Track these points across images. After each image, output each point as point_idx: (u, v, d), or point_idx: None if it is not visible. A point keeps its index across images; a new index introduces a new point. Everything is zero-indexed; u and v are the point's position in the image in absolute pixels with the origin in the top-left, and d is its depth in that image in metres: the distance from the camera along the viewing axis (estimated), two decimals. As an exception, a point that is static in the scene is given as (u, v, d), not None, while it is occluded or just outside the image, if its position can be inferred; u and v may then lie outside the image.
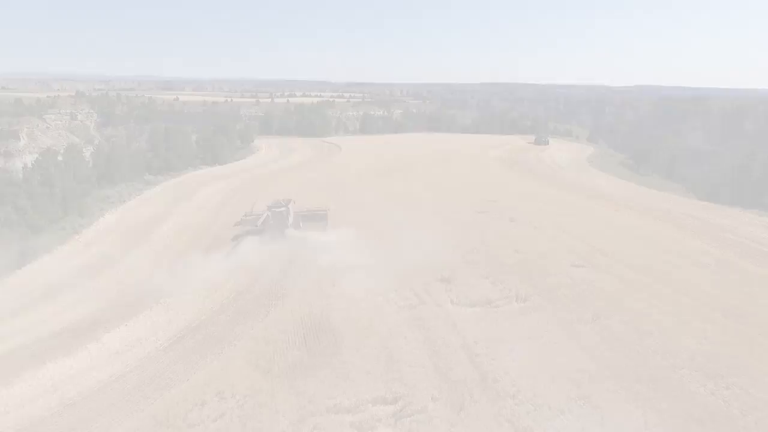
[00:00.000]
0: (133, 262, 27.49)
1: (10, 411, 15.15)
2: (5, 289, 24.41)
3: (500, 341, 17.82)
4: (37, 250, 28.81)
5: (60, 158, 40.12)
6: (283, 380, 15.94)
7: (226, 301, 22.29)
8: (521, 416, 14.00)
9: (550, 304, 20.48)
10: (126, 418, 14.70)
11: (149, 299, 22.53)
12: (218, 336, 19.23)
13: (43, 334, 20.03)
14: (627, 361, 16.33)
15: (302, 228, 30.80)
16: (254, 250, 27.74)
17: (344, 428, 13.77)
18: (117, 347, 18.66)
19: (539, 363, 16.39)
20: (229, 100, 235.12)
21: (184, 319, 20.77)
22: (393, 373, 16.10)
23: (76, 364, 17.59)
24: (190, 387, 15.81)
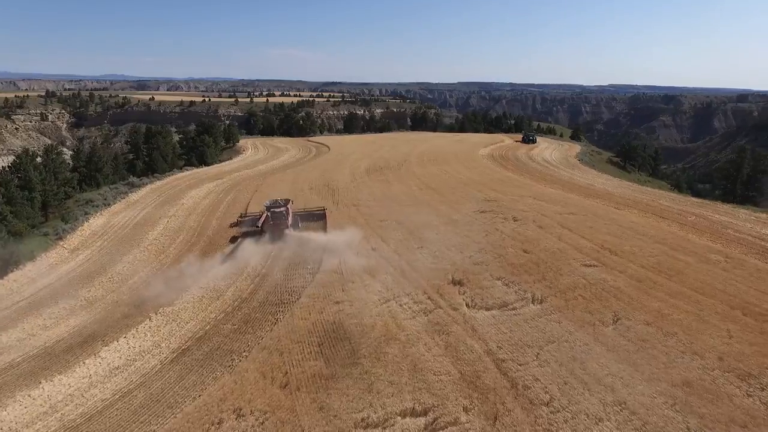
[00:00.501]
0: (125, 269, 26.06)
1: (5, 437, 13.85)
2: (-13, 300, 22.78)
3: (525, 345, 17.23)
4: (20, 258, 27.10)
5: (39, 160, 38.13)
6: (303, 394, 14.99)
7: (230, 309, 21.19)
8: (560, 425, 13.38)
9: (568, 305, 19.99)
10: (136, 440, 13.60)
11: (147, 309, 21.30)
12: (226, 347, 18.16)
13: (34, 350, 18.63)
14: (657, 364, 15.90)
15: (301, 228, 29.92)
16: (254, 253, 26.66)
17: (376, 445, 12.97)
18: (118, 362, 17.42)
19: (568, 367, 15.83)
20: (206, 99, 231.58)
21: (187, 329, 19.62)
22: (418, 383, 15.30)
23: (75, 382, 16.30)
24: (203, 404, 14.71)
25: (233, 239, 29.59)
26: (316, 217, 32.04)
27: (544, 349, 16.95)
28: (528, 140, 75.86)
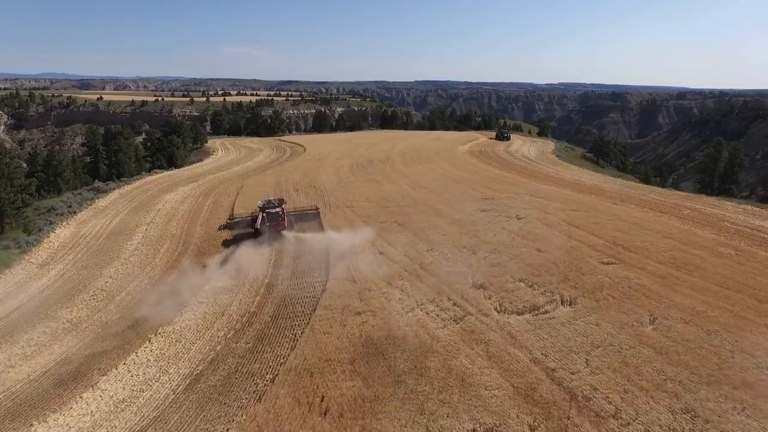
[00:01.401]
0: (108, 284, 23.40)
1: (-1, 498, 11.52)
2: (-51, 328, 19.69)
3: (570, 352, 16.31)
4: (-20, 276, 23.86)
5: (-9, 164, 34.18)
6: (349, 421, 13.40)
7: (239, 326, 19.20)
8: (635, 439, 12.47)
9: (600, 306, 19.30)
10: (166, 491, 11.63)
11: (144, 329, 19.01)
12: (245, 370, 16.26)
13: (16, 384, 16.10)
14: (710, 364, 15.35)
15: (295, 228, 28.34)
16: (252, 259, 24.68)
17: (446, 476, 11.60)
18: (122, 394, 15.19)
19: (623, 374, 15.01)
20: (159, 99, 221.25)
21: (195, 350, 17.55)
22: (472, 400, 14.05)
23: (74, 422, 14.00)
24: (237, 440, 12.87)
25: (225, 243, 27.37)
26: (310, 217, 30.57)
27: (592, 355, 16.09)
28: (502, 137, 76.47)
